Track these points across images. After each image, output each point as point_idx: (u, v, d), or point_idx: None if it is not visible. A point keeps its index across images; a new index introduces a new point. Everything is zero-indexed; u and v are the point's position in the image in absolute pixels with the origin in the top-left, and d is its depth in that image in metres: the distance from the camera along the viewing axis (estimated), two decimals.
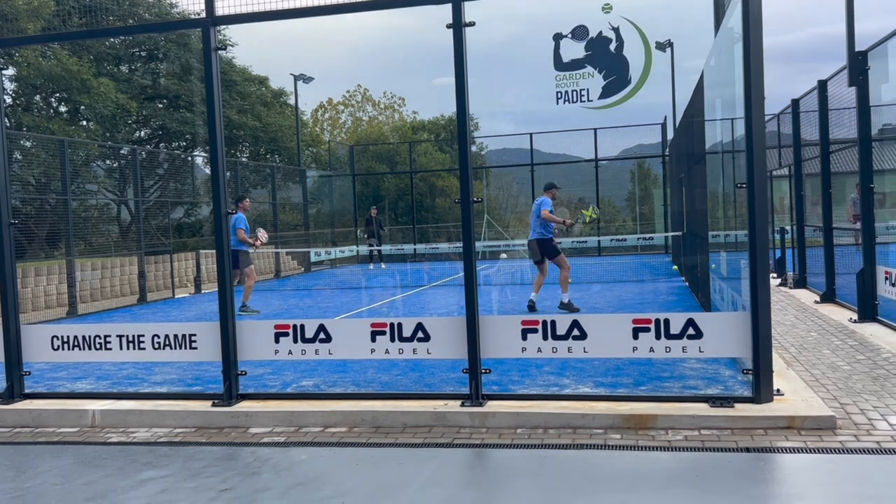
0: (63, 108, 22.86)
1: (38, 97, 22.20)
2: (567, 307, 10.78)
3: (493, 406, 5.76)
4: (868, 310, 8.99)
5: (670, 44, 24.94)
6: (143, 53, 25.32)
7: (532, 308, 10.86)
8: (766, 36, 5.46)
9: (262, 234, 13.17)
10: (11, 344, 6.77)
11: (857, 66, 8.80)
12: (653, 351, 5.70)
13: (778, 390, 5.65)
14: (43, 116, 21.26)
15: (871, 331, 8.44)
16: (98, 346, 6.64)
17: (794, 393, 5.75)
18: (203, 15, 6.26)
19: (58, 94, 22.05)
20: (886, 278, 8.61)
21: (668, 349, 5.66)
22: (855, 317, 9.19)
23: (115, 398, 6.60)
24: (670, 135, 22.93)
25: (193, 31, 21.22)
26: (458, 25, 5.79)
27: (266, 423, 5.96)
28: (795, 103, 12.63)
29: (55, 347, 6.76)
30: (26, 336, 6.85)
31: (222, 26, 6.46)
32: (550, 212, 11.15)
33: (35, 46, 19.52)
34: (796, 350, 7.68)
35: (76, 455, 5.41)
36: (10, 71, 20.58)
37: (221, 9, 6.21)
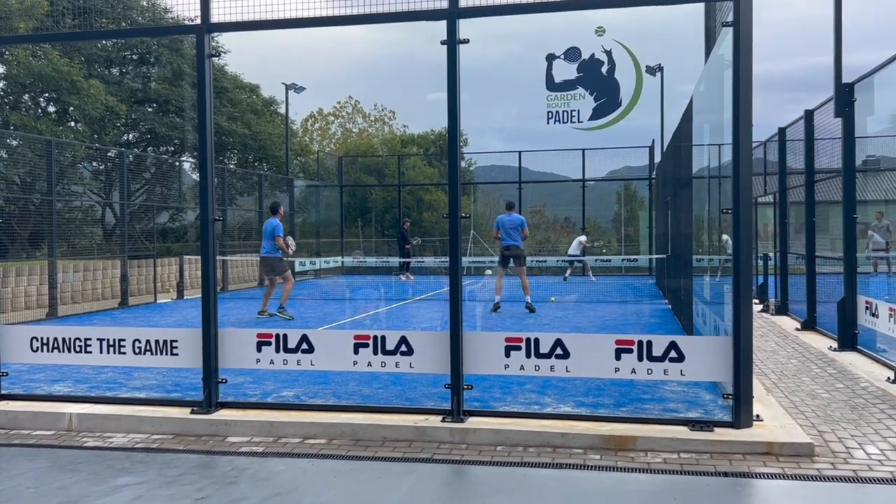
0: (52, 109, 22.73)
1: (26, 96, 22.08)
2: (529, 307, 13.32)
3: (473, 422, 5.75)
4: (848, 339, 9.07)
5: (660, 68, 25.19)
6: (134, 57, 25.25)
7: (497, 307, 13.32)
8: (756, 63, 5.54)
9: (292, 243, 13.40)
10: None
11: (844, 98, 8.92)
12: (635, 372, 5.72)
13: (757, 416, 5.68)
14: (31, 116, 21.13)
15: (851, 360, 8.51)
16: (78, 349, 6.58)
17: (773, 419, 5.78)
18: (198, 21, 6.27)
19: (47, 94, 21.93)
20: (867, 308, 8.69)
21: (649, 371, 5.68)
22: (835, 345, 9.26)
23: (93, 402, 6.53)
24: (657, 158, 23.11)
25: (186, 36, 21.22)
26: (453, 42, 5.83)
27: (245, 433, 5.91)
28: (782, 132, 12.77)
29: (34, 349, 6.69)
30: (5, 336, 6.78)
31: (216, 33, 6.45)
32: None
33: (26, 46, 19.43)
34: (776, 376, 7.73)
35: (51, 458, 5.35)
36: (0, 69, 20.47)
37: (217, 16, 6.22)
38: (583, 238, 23.06)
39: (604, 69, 5.84)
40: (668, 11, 5.77)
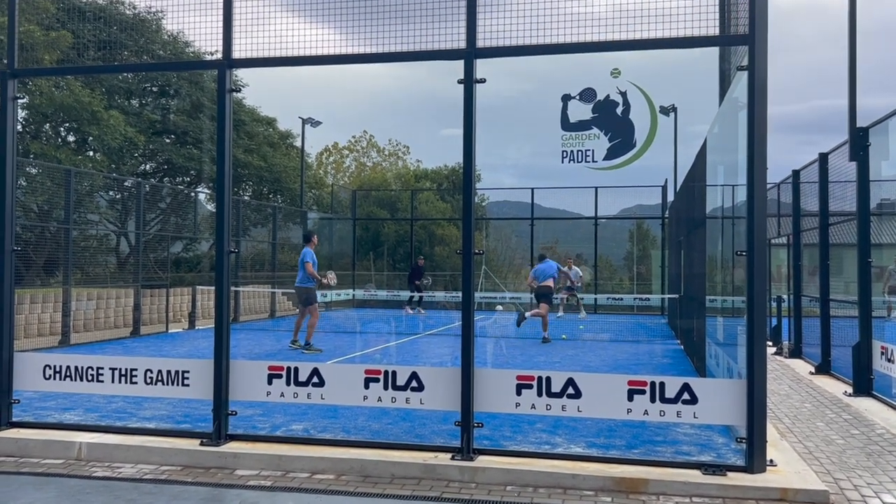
0: (71, 138, 23.06)
1: (47, 126, 22.41)
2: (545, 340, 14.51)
3: (483, 461, 5.71)
4: (863, 384, 8.97)
5: (674, 108, 25.32)
6: (154, 89, 25.66)
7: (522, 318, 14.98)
8: (770, 106, 5.57)
9: (332, 277, 13.46)
10: (3, 371, 6.73)
11: (859, 142, 8.94)
12: (647, 414, 5.67)
13: (771, 461, 5.61)
14: (51, 145, 21.43)
15: (866, 405, 8.40)
16: (90, 377, 6.60)
17: (787, 464, 5.70)
18: (220, 57, 6.38)
19: (67, 124, 22.26)
20: (882, 353, 8.61)
21: (662, 413, 5.64)
22: (850, 390, 9.15)
23: (102, 431, 6.53)
24: (670, 197, 23.12)
25: (207, 70, 21.56)
26: (469, 81, 5.91)
27: (253, 466, 5.89)
28: (796, 174, 12.77)
29: (47, 377, 6.71)
30: (18, 364, 6.81)
31: (237, 68, 6.56)
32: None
33: (50, 77, 19.77)
34: (790, 421, 7.64)
35: (59, 488, 5.34)
36: (23, 99, 20.81)
37: (238, 52, 6.34)
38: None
39: (619, 110, 5.89)
40: (682, 53, 5.83)
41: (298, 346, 12.91)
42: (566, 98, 5.94)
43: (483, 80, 5.95)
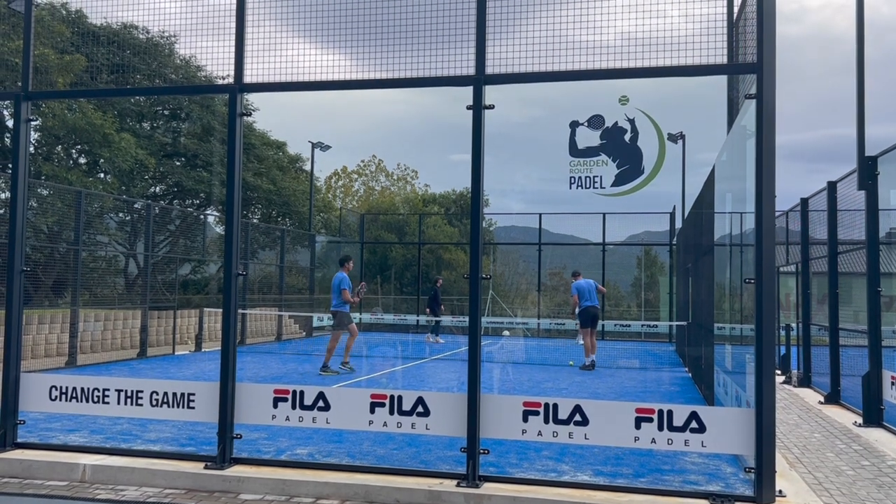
0: (83, 160, 23.24)
1: (59, 147, 22.60)
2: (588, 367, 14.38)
3: (489, 488, 5.66)
4: (873, 414, 8.88)
5: (682, 136, 25.36)
6: (165, 112, 25.90)
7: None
8: (778, 134, 5.58)
9: (362, 289, 13.49)
10: (9, 392, 6.74)
11: (867, 171, 8.93)
12: (654, 442, 5.62)
13: (780, 491, 5.55)
14: (62, 167, 21.60)
15: (877, 436, 8.31)
16: (96, 399, 6.60)
17: (796, 495, 5.64)
18: (231, 81, 6.45)
19: (79, 146, 22.45)
20: (893, 383, 8.53)
21: (670, 441, 5.59)
22: (860, 420, 9.06)
23: (107, 453, 6.51)
24: (678, 224, 23.10)
25: (218, 94, 21.76)
26: (478, 107, 5.94)
27: (257, 490, 5.85)
28: (805, 202, 12.75)
29: (53, 398, 6.71)
30: (25, 384, 6.81)
31: (248, 93, 6.62)
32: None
33: (63, 99, 19.98)
34: (799, 451, 7.56)
35: None
36: (36, 121, 21.03)
37: (249, 76, 6.40)
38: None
39: (627, 137, 5.92)
40: (690, 81, 5.86)
41: (350, 367, 13.18)
42: (574, 124, 5.97)
43: (492, 107, 5.99)
